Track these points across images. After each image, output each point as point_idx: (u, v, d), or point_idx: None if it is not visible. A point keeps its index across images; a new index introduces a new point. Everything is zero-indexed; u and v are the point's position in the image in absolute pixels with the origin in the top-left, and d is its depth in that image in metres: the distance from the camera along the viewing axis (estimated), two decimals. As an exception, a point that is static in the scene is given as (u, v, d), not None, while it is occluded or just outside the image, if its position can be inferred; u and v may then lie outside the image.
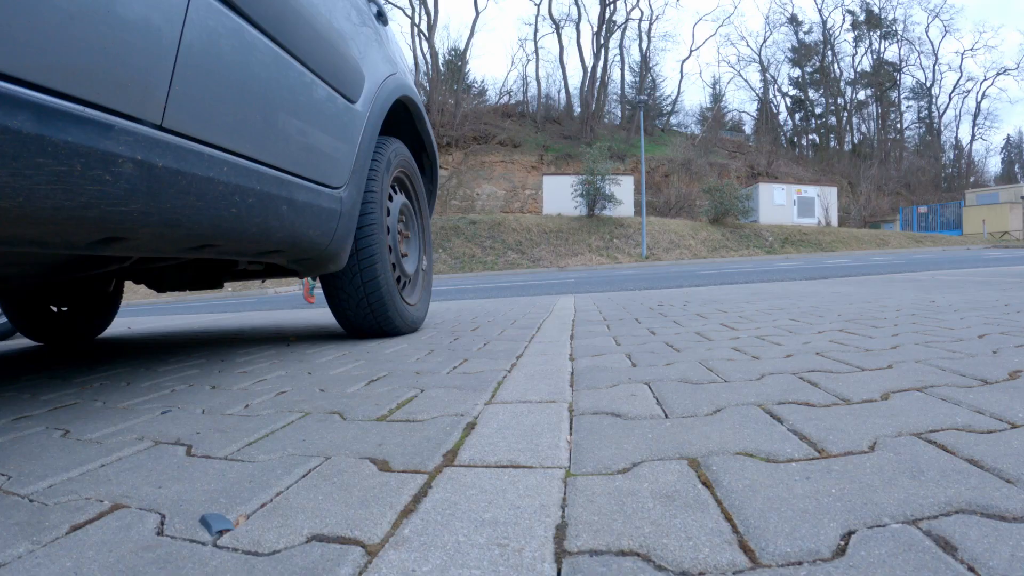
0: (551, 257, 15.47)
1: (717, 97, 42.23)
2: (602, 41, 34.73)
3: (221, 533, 0.47)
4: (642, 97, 22.48)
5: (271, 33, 1.09)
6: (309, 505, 0.52)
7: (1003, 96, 68.91)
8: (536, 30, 40.86)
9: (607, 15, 34.67)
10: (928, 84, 43.76)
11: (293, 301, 6.78)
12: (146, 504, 0.54)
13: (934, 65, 46.50)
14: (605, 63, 35.30)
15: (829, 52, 43.57)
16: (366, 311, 1.72)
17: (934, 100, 43.75)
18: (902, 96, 44.08)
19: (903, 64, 43.73)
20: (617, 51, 36.75)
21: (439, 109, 28.01)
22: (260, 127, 1.08)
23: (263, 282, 9.30)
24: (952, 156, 43.94)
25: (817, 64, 44.00)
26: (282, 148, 1.17)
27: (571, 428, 0.71)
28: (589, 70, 35.54)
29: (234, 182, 1.02)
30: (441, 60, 31.77)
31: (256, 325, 2.83)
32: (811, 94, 44.73)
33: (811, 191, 22.50)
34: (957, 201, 28.25)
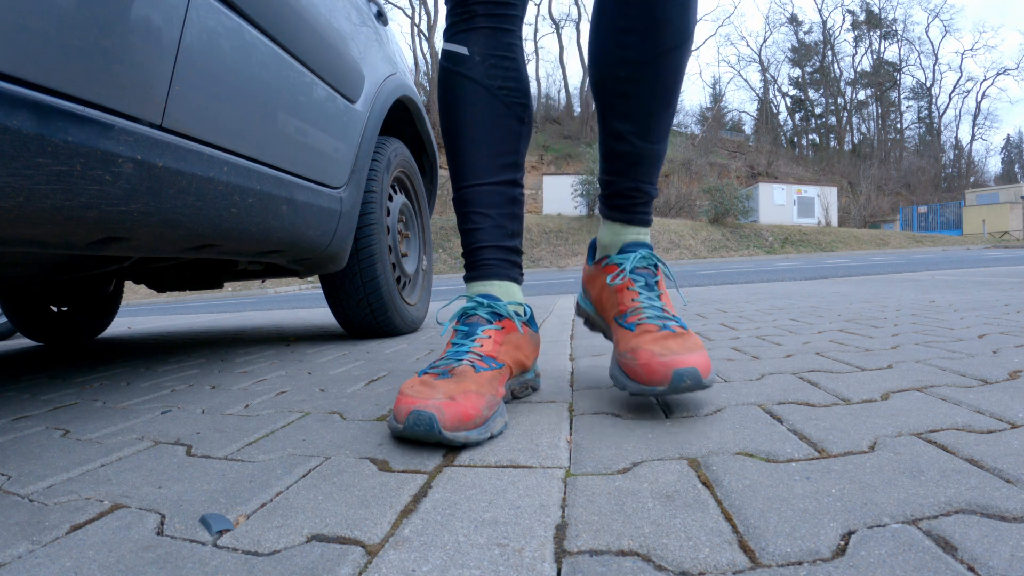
0: (551, 257, 15.47)
1: (717, 97, 42.29)
2: (602, 41, 34.70)
3: (221, 533, 0.47)
4: (642, 97, 22.41)
5: (271, 33, 1.09)
6: (309, 505, 0.52)
7: (1003, 96, 69.07)
8: (536, 30, 40.90)
9: (607, 15, 34.61)
10: (928, 84, 43.83)
11: (293, 301, 6.79)
12: (146, 504, 0.54)
13: (934, 65, 46.58)
14: (605, 63, 35.27)
15: (829, 52, 43.63)
16: (366, 311, 1.72)
17: (934, 100, 43.81)
18: (902, 96, 44.14)
19: (903, 64, 43.79)
20: (617, 51, 36.72)
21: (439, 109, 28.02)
22: (260, 127, 1.08)
23: (263, 282, 9.32)
24: (952, 156, 44.01)
25: (817, 64, 44.06)
26: (282, 148, 1.17)
27: (571, 428, 0.71)
28: (589, 70, 35.43)
29: (234, 182, 1.02)
30: (441, 60, 31.79)
31: (256, 325, 2.83)
32: (811, 94, 44.80)
33: (811, 191, 22.52)
34: (957, 201, 28.28)
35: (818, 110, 44.16)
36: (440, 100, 0.91)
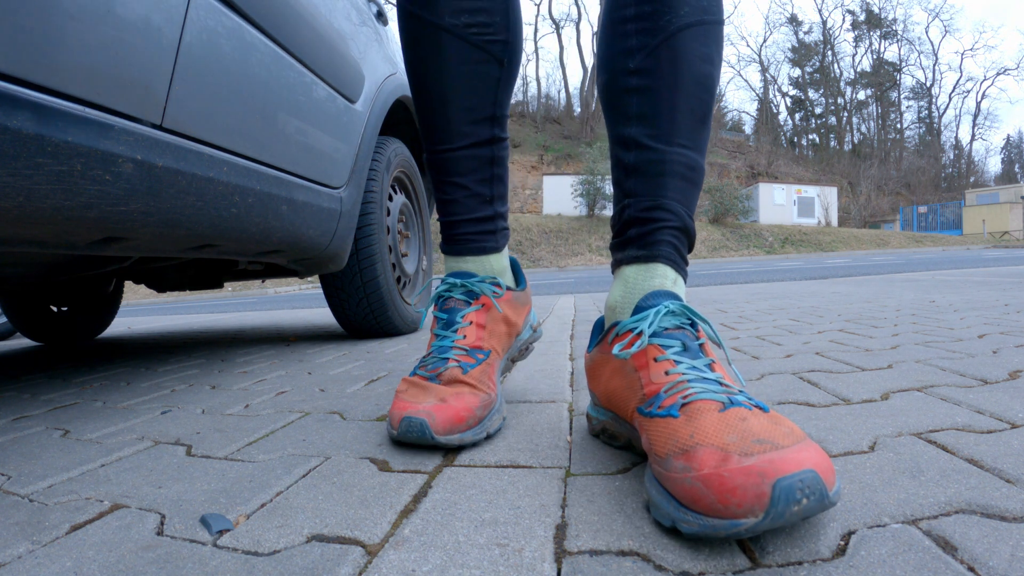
0: (551, 257, 15.47)
1: (717, 97, 42.34)
2: (602, 41, 34.78)
3: (221, 533, 0.47)
4: (642, 97, 22.41)
5: (271, 33, 1.09)
6: (309, 505, 0.52)
7: (1003, 96, 69.10)
8: (536, 30, 40.92)
9: (607, 15, 34.69)
10: (928, 84, 43.87)
11: (293, 301, 6.79)
12: (146, 504, 0.54)
13: (934, 65, 46.61)
14: (605, 63, 35.38)
15: (829, 52, 43.67)
16: (366, 311, 1.72)
17: (934, 100, 43.86)
18: (902, 96, 44.18)
19: (903, 64, 43.84)
20: (617, 51, 36.79)
21: (439, 109, 27.91)
22: (260, 127, 1.08)
23: (263, 282, 9.32)
24: (952, 156, 44.05)
25: (817, 64, 44.10)
26: (282, 148, 1.17)
27: (571, 428, 0.71)
28: (589, 70, 35.62)
29: (234, 182, 1.02)
30: (441, 60, 31.75)
31: (256, 325, 2.83)
32: (811, 94, 44.83)
33: (811, 191, 22.55)
34: (957, 201, 28.31)
35: (818, 110, 44.21)
36: (403, 50, 0.76)
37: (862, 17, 43.44)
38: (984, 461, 0.53)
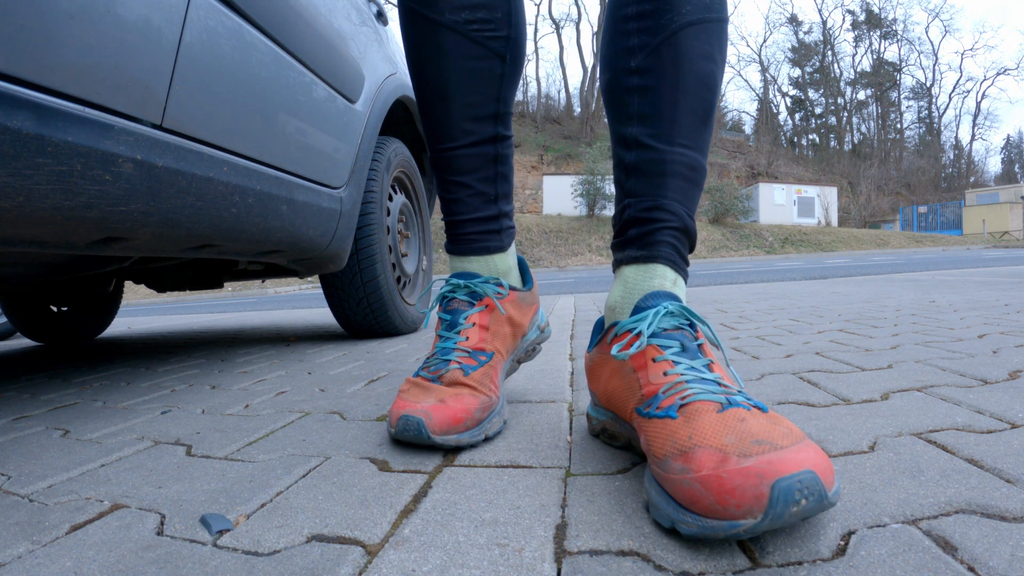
0: (551, 257, 15.47)
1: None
2: (602, 41, 34.84)
3: (221, 533, 0.47)
4: (642, 97, 22.42)
5: (271, 33, 1.09)
6: (309, 505, 0.52)
7: (1003, 96, 69.16)
8: (536, 30, 40.92)
9: (607, 15, 34.78)
10: (928, 84, 43.90)
11: (293, 301, 6.79)
12: (146, 504, 0.54)
13: (934, 65, 46.63)
14: (605, 63, 35.45)
15: (829, 52, 43.69)
16: (366, 311, 1.72)
17: (934, 100, 43.88)
18: (902, 96, 44.20)
19: (903, 64, 43.86)
20: (617, 51, 36.86)
21: (439, 109, 27.95)
22: (260, 127, 1.08)
23: (263, 282, 9.32)
24: (952, 156, 44.07)
25: (817, 64, 44.12)
26: (282, 148, 1.17)
27: (571, 428, 0.71)
28: (589, 70, 35.64)
29: (234, 182, 1.02)
30: (441, 60, 31.79)
31: (256, 325, 2.83)
32: (811, 94, 44.85)
33: (811, 191, 22.56)
34: (957, 201, 28.33)
35: (818, 110, 44.24)
36: (404, 48, 0.76)
37: (862, 17, 43.48)
38: (984, 461, 0.53)
